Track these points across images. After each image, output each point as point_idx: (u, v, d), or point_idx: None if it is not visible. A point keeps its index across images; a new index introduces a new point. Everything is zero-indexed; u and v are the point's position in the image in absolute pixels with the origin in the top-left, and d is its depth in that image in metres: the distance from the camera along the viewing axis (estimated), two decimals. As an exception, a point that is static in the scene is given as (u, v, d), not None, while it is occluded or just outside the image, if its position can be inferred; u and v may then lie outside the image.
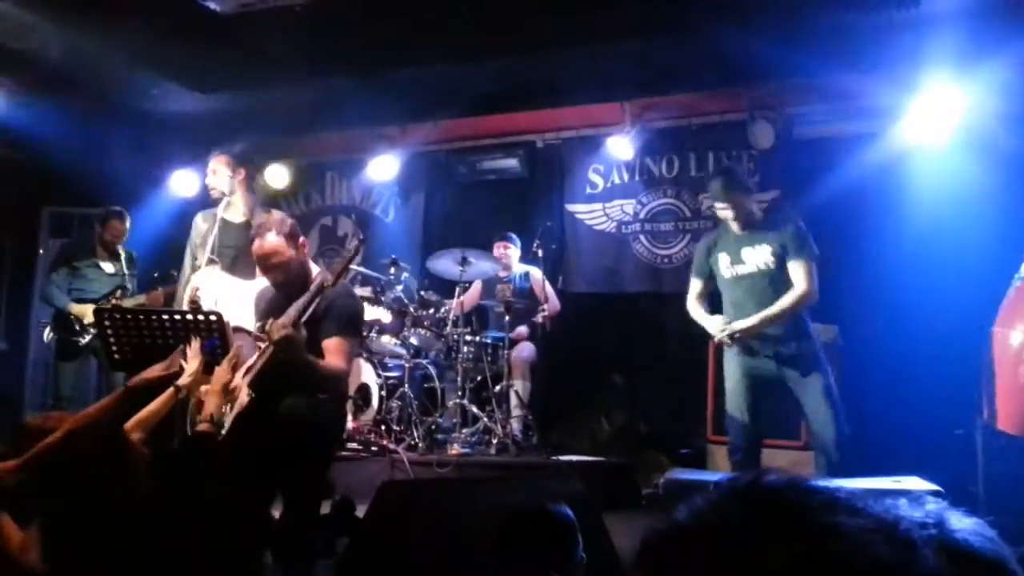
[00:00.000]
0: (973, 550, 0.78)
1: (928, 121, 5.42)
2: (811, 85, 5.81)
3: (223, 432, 2.94)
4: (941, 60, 5.08)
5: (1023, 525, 4.24)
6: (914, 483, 2.96)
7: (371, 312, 5.73)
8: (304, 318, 3.15)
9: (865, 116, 5.89)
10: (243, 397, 2.95)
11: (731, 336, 4.21)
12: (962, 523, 0.98)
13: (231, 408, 2.97)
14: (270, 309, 3.46)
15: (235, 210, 4.68)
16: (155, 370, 3.10)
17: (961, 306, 4.94)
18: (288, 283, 3.44)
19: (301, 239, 3.52)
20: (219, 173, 4.66)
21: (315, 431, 3.08)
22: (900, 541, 0.64)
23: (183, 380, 3.24)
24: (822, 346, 4.46)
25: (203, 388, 2.89)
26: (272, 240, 3.38)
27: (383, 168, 6.94)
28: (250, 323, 3.62)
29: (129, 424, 3.16)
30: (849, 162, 5.70)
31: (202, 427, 2.68)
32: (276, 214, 3.95)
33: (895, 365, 5.16)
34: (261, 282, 3.71)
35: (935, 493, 2.76)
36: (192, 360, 3.30)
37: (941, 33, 4.85)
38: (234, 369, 3.00)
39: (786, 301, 4.16)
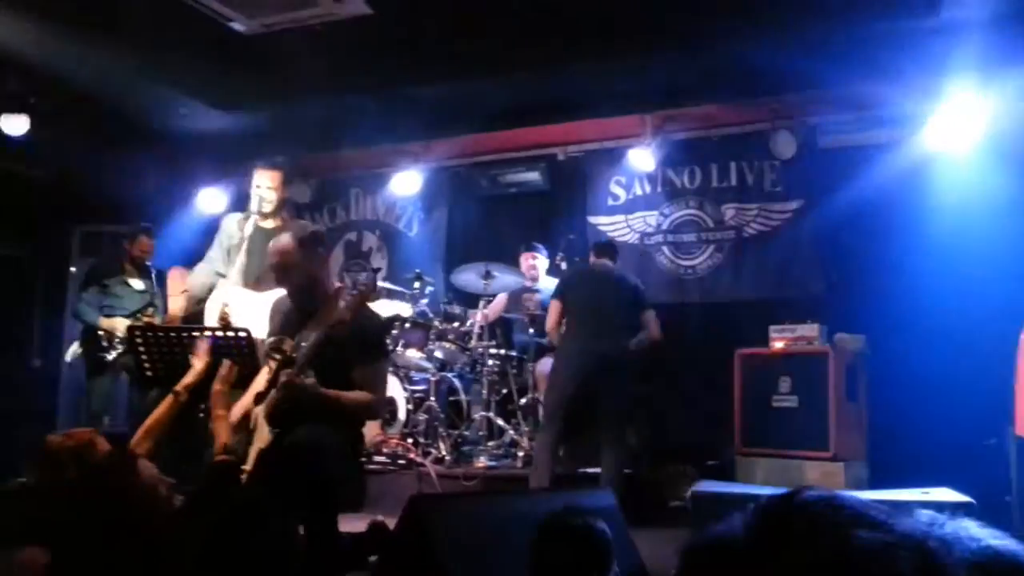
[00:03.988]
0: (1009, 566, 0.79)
1: (951, 129, 5.39)
2: (833, 95, 5.79)
3: (244, 465, 2.95)
4: (963, 67, 5.06)
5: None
6: (944, 494, 2.93)
7: (392, 307, 5.77)
8: (317, 352, 3.06)
9: (888, 125, 5.86)
10: (264, 433, 2.95)
11: None
12: (997, 541, 0.98)
13: (251, 441, 2.98)
14: (285, 324, 3.37)
15: (270, 222, 4.69)
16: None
17: (989, 313, 4.90)
18: (299, 292, 3.36)
19: (310, 250, 3.38)
20: (275, 187, 4.68)
21: (320, 461, 2.98)
22: (924, 557, 0.66)
23: (183, 382, 3.27)
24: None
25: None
26: (284, 241, 3.33)
27: (406, 183, 7.00)
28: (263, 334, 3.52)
29: (137, 436, 3.20)
30: (873, 171, 5.67)
31: (220, 459, 2.68)
32: (301, 223, 3.93)
33: (924, 374, 5.10)
34: (277, 292, 3.67)
35: (966, 505, 2.74)
36: (197, 362, 3.33)
37: (963, 40, 4.83)
38: (231, 386, 2.98)
39: None
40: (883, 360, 5.22)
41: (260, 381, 3.11)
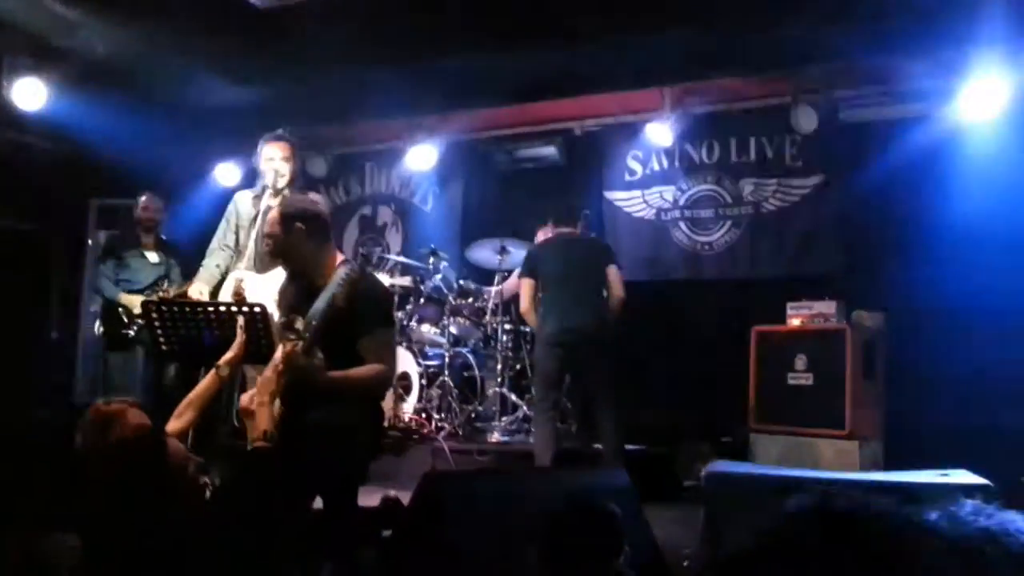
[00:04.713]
0: None
1: (975, 104, 5.29)
2: (856, 68, 5.69)
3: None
4: (988, 41, 4.96)
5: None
6: (962, 476, 2.90)
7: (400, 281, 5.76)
8: (321, 328, 3.02)
9: (911, 99, 5.76)
10: (276, 407, 2.95)
11: None
12: None
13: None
14: (292, 303, 3.35)
15: (280, 197, 4.40)
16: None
17: (1011, 292, 4.84)
18: (291, 269, 3.34)
19: (296, 224, 3.22)
20: (288, 158, 4.49)
21: (340, 442, 2.97)
22: (976, 567, 0.64)
23: (224, 359, 3.27)
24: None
25: (250, 399, 2.87)
26: (271, 216, 3.28)
27: (422, 157, 6.96)
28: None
29: (180, 407, 3.22)
30: (895, 146, 5.59)
31: (259, 445, 2.69)
32: (295, 196, 3.87)
33: (943, 352, 5.06)
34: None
35: (984, 488, 2.71)
36: (238, 337, 3.33)
37: (988, 14, 4.72)
38: (280, 376, 2.98)
39: None
40: (902, 338, 5.17)
41: (277, 359, 3.10)
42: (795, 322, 5.18)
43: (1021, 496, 4.23)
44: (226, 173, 7.02)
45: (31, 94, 5.90)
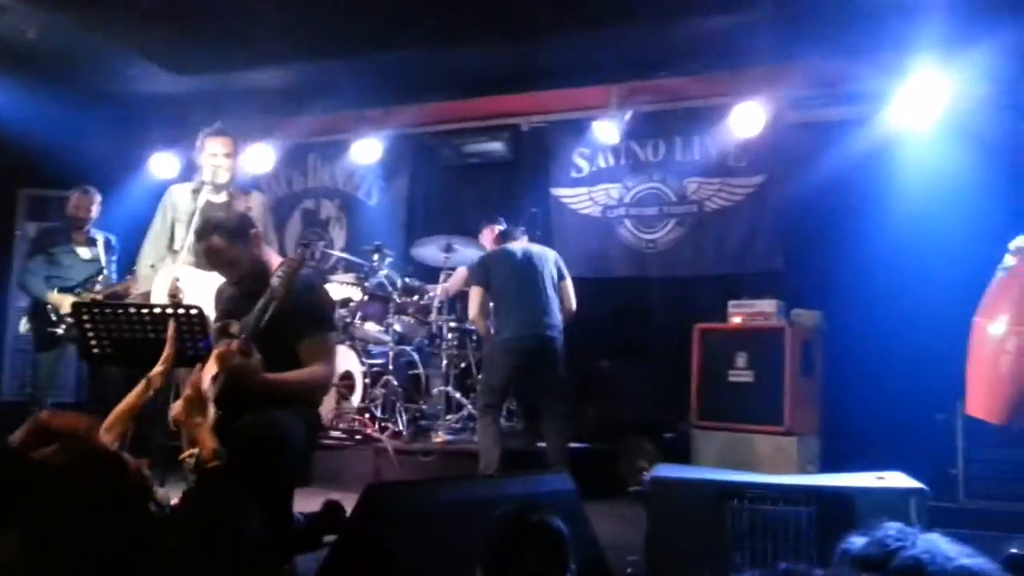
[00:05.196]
0: None
1: (914, 107, 5.40)
2: (799, 70, 5.77)
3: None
4: (928, 45, 5.07)
5: (1003, 509, 4.33)
6: (898, 479, 2.97)
7: (344, 291, 5.68)
8: (259, 328, 3.00)
9: (852, 101, 5.86)
10: (211, 413, 2.88)
11: None
12: (969, 560, 0.98)
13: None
14: (229, 307, 3.32)
15: (222, 195, 4.38)
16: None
17: (946, 291, 4.95)
18: (241, 280, 3.30)
19: (252, 231, 3.30)
20: (229, 153, 4.38)
21: (272, 448, 2.93)
22: None
23: (155, 370, 3.17)
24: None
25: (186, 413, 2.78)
26: (215, 242, 3.22)
27: (366, 150, 6.84)
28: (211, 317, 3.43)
29: (109, 421, 3.10)
30: (835, 147, 5.68)
31: (213, 465, 2.61)
32: (231, 210, 3.80)
33: (879, 351, 5.18)
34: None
35: (919, 492, 2.78)
36: (167, 348, 3.22)
37: (928, 18, 4.82)
38: (199, 390, 2.89)
39: None
40: (839, 336, 5.28)
41: (211, 364, 3.01)
42: (736, 320, 5.25)
43: (950, 488, 4.40)
44: (162, 164, 6.82)
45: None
